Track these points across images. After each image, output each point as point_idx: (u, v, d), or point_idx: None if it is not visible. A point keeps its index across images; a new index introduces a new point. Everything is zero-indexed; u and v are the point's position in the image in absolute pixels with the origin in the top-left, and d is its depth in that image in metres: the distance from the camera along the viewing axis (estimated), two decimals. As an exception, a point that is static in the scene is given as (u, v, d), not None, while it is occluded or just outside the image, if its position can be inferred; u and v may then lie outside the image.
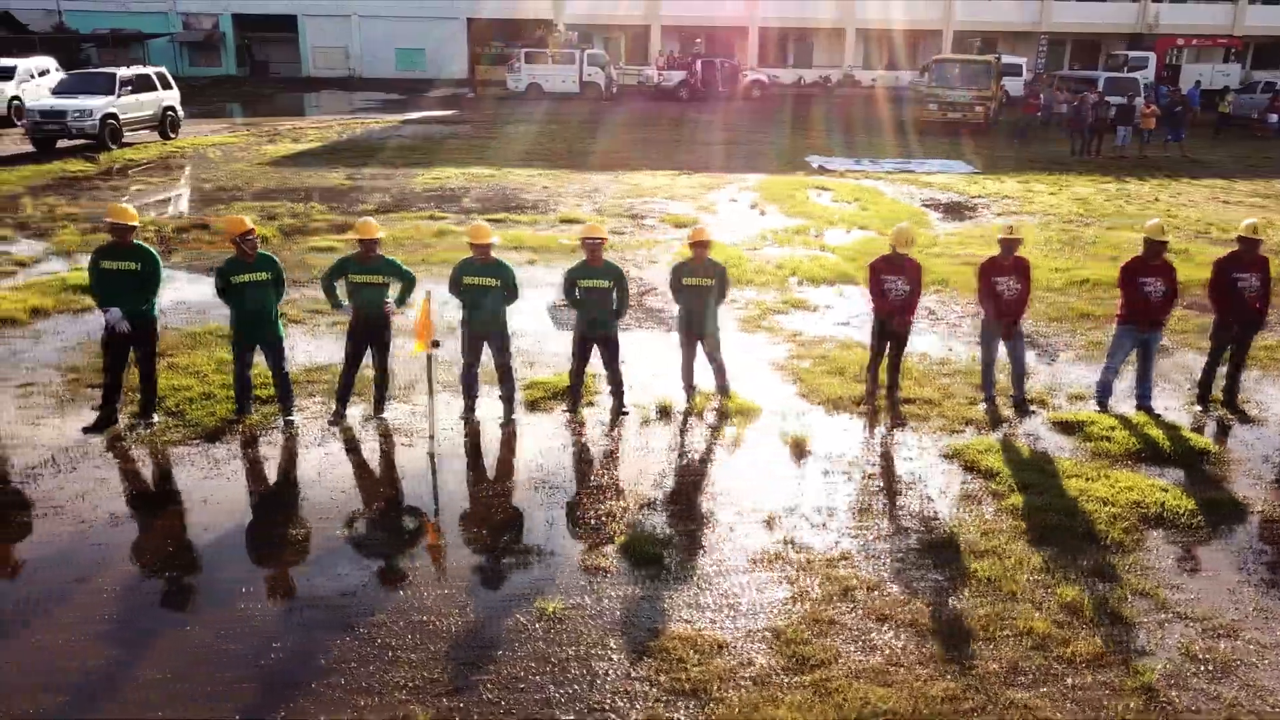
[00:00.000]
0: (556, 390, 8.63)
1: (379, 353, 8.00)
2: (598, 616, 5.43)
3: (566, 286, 8.20)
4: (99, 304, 7.57)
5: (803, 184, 20.45)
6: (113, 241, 7.65)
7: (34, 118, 22.55)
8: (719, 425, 8.05)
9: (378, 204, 17.51)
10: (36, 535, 6.23)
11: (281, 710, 4.65)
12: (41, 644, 5.11)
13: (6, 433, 7.68)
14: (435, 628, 5.31)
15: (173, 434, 7.71)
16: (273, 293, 7.77)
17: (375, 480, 7.11)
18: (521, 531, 6.39)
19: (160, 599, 5.57)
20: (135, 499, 6.77)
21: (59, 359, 9.40)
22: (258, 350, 7.89)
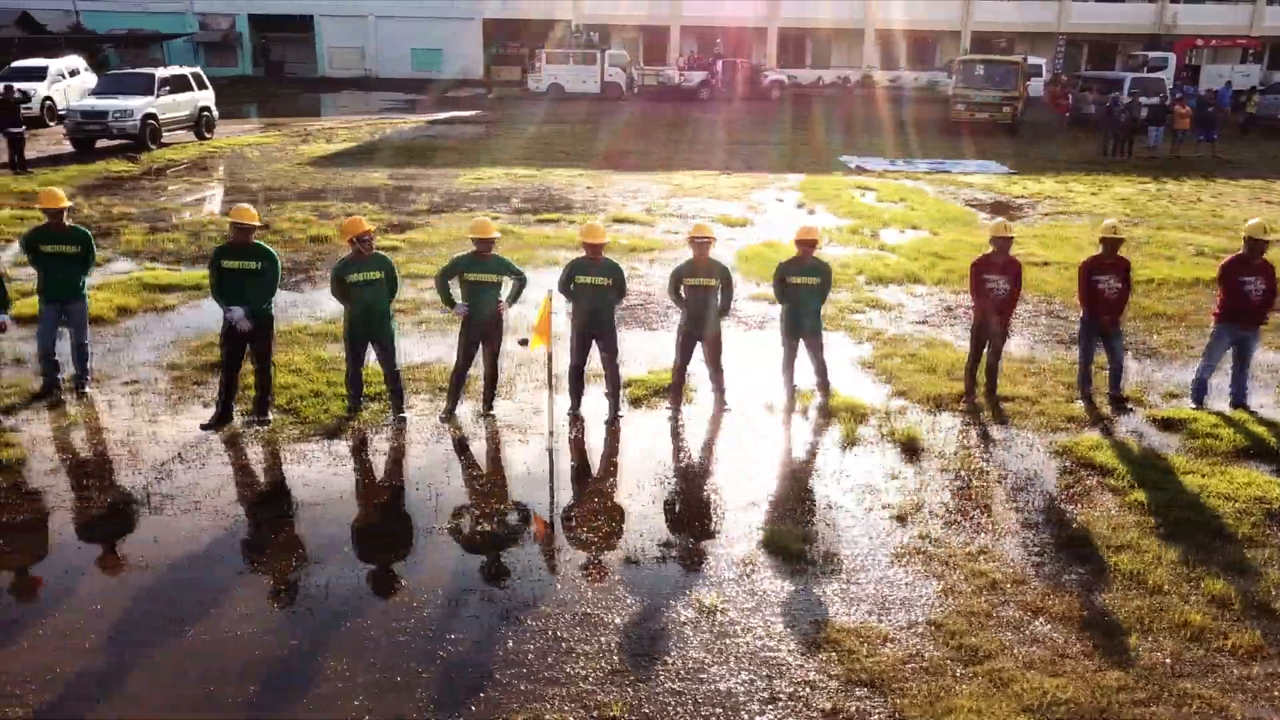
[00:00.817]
0: (657, 388, 8.73)
1: (490, 351, 8.10)
2: (756, 610, 5.52)
3: (672, 285, 8.29)
4: (221, 303, 7.65)
5: (844, 184, 20.55)
6: (233, 241, 7.75)
7: (75, 118, 22.64)
8: (826, 423, 8.13)
9: (428, 204, 17.61)
10: (183, 530, 6.31)
11: (473, 702, 4.73)
12: (225, 637, 5.20)
13: (128, 430, 7.77)
14: (601, 620, 5.40)
15: (290, 431, 7.80)
16: (386, 291, 7.87)
17: (502, 476, 7.20)
18: (657, 526, 6.48)
19: (324, 591, 5.66)
20: (270, 494, 6.86)
21: (156, 357, 9.49)
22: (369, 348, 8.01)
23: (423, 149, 25.28)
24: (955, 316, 11.34)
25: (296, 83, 47.45)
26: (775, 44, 45.85)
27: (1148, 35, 45.11)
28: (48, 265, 8.21)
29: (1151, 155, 25.77)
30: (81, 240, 8.35)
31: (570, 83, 41.04)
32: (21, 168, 19.66)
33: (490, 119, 33.37)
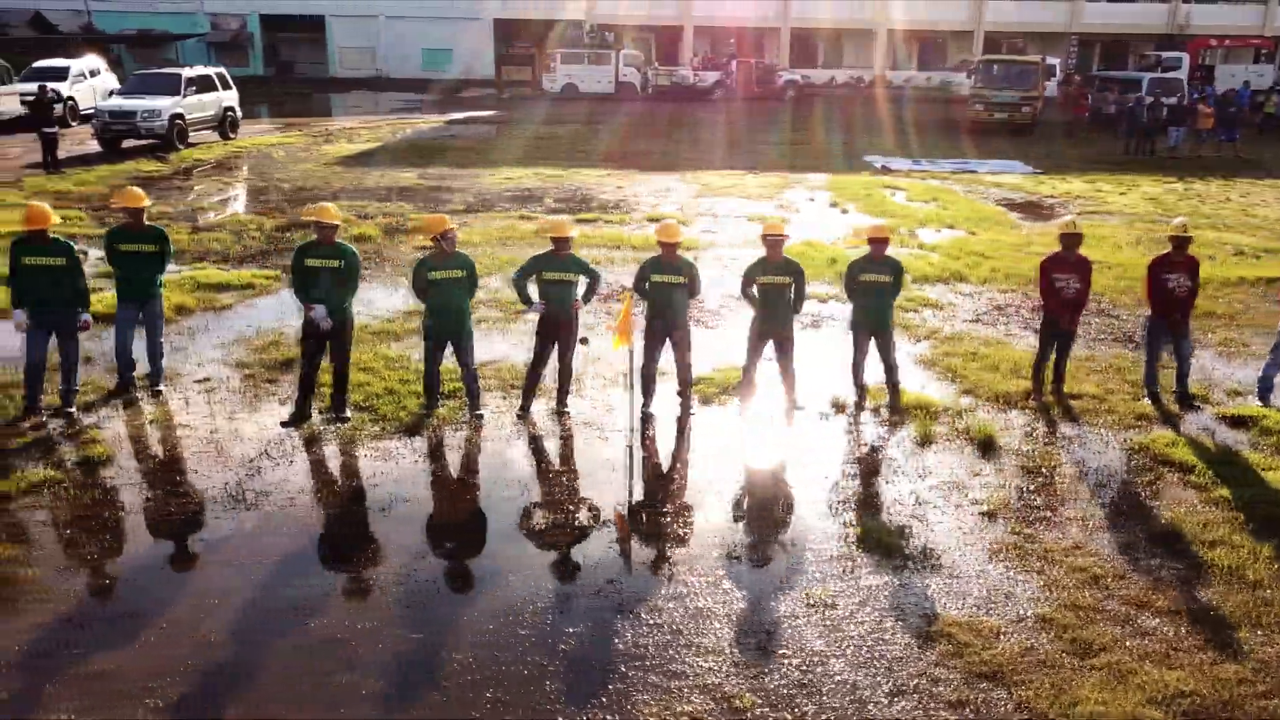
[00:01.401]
0: (725, 386, 8.79)
1: (564, 349, 8.16)
2: (864, 604, 5.58)
3: (745, 283, 8.35)
4: (303, 300, 7.71)
5: (873, 183, 20.61)
6: (315, 240, 7.81)
7: (103, 118, 22.68)
8: (899, 420, 8.20)
9: (463, 204, 17.66)
10: (285, 526, 6.37)
11: (604, 694, 4.79)
12: (347, 631, 5.26)
13: (210, 427, 7.83)
14: (715, 613, 5.46)
15: (370, 429, 7.86)
16: (467, 289, 7.93)
17: (587, 473, 7.26)
18: (750, 523, 6.54)
19: (433, 586, 5.72)
20: (362, 491, 6.91)
21: (223, 356, 9.54)
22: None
23: (446, 149, 25.33)
24: (1006, 315, 11.39)
25: (307, 83, 47.52)
26: (787, 44, 45.87)
27: (1159, 35, 45.18)
28: (126, 264, 8.27)
29: (1172, 155, 25.84)
30: (159, 239, 8.42)
31: (584, 83, 41.09)
32: (54, 167, 19.71)
33: (507, 119, 33.42)
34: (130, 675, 4.85)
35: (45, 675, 4.84)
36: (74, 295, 7.87)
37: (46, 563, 5.86)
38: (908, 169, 23.13)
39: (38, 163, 20.68)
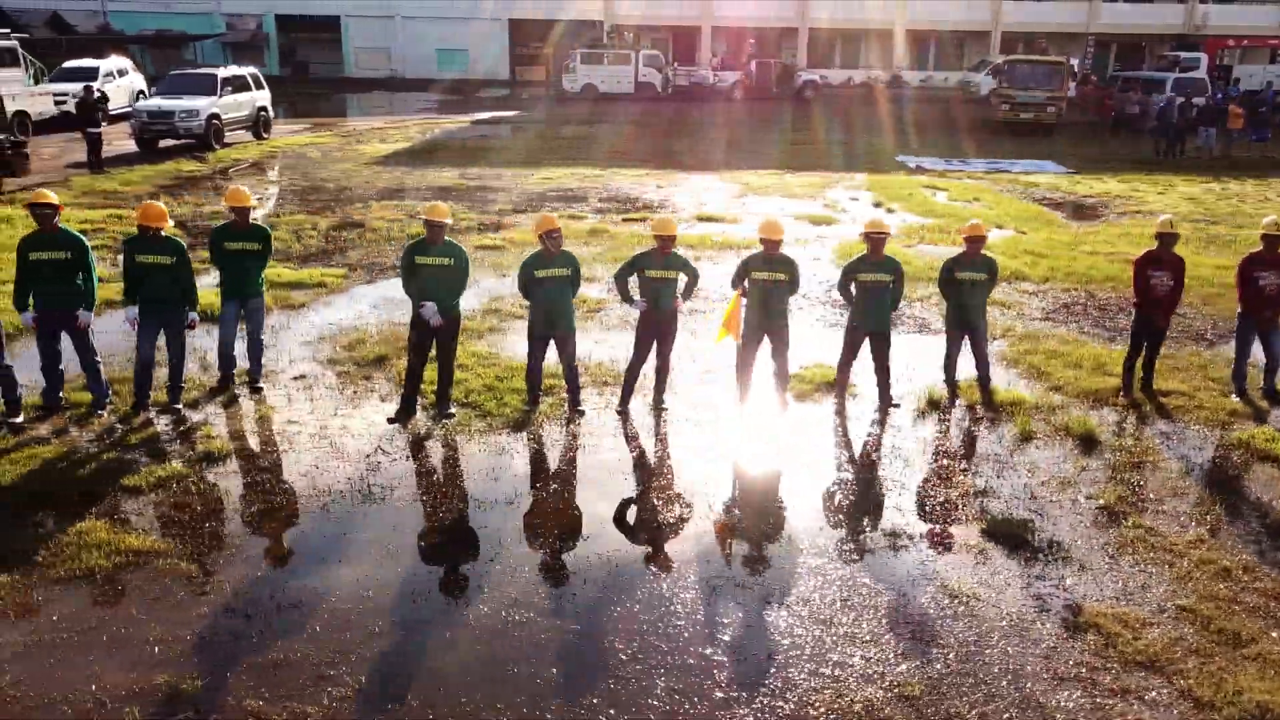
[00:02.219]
0: (816, 383, 8.89)
1: (664, 346, 8.25)
2: (1004, 594, 5.68)
3: (844, 281, 8.45)
4: (414, 298, 7.80)
5: (913, 183, 20.71)
6: (425, 238, 7.91)
7: (141, 118, 22.79)
8: (996, 416, 8.29)
9: (510, 204, 17.76)
10: (416, 520, 6.47)
11: (771, 681, 4.89)
12: (505, 621, 5.36)
13: (319, 423, 7.93)
14: (862, 604, 5.56)
15: (476, 424, 7.96)
16: (571, 288, 8.03)
17: (699, 467, 7.35)
18: (875, 516, 6.64)
19: (580, 577, 5.82)
20: (486, 484, 7.00)
21: (311, 353, 9.65)
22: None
23: (479, 149, 25.44)
24: (1074, 314, 11.50)
25: (323, 83, 47.60)
26: (805, 44, 45.97)
27: (1175, 35, 45.27)
28: (231, 262, 8.36)
29: (1198, 154, 25.93)
30: (263, 238, 8.52)
31: (604, 83, 41.16)
32: (98, 167, 19.81)
33: (532, 119, 33.53)
34: (307, 664, 4.95)
35: (226, 664, 4.94)
36: (183, 293, 7.97)
37: (195, 556, 5.95)
38: (942, 169, 23.23)
39: (79, 162, 20.80)
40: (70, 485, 6.74)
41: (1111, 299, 12.07)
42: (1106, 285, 12.64)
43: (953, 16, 45.60)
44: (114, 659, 4.98)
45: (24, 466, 6.97)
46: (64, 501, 6.51)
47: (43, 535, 6.11)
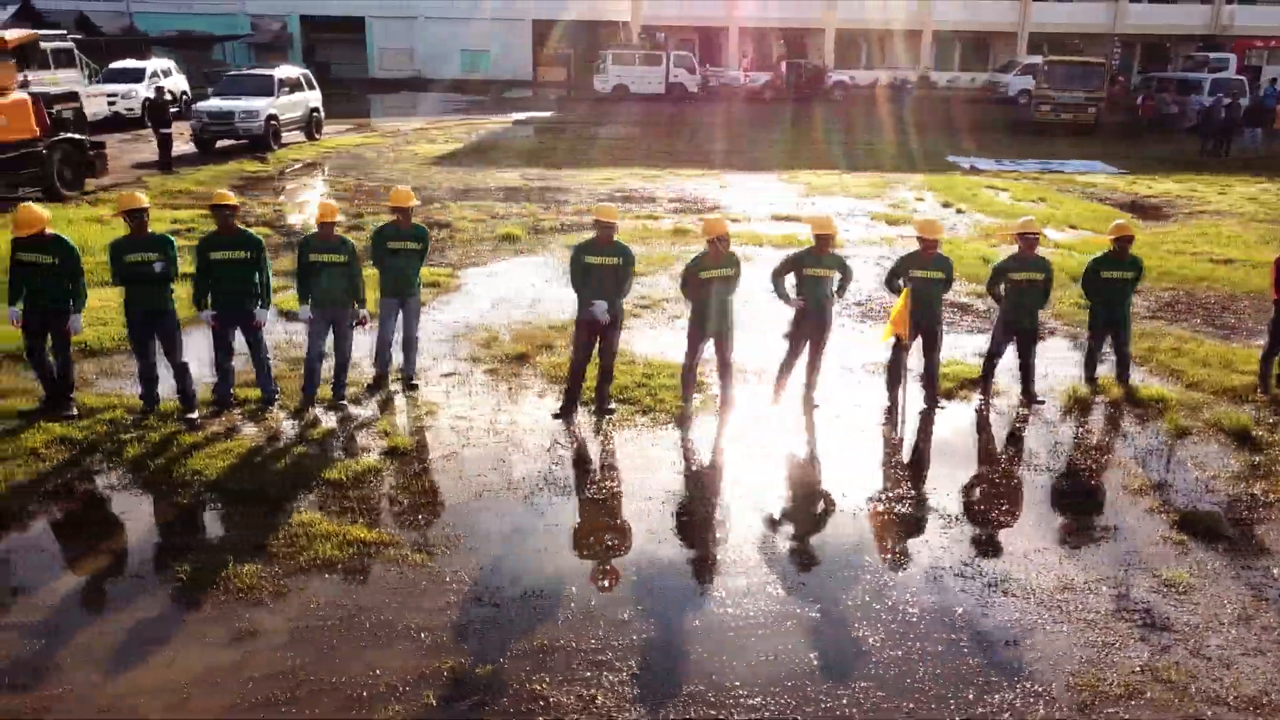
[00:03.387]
0: (960, 379, 9.06)
1: (818, 342, 8.42)
2: (1218, 584, 5.86)
3: (996, 280, 8.64)
4: (584, 296, 7.96)
5: (974, 183, 20.89)
6: (594, 238, 8.08)
7: (201, 119, 22.93)
8: (1143, 413, 8.46)
9: (581, 205, 17.87)
10: (619, 512, 6.65)
11: (1030, 668, 5.06)
12: (746, 611, 5.53)
13: (488, 419, 8.10)
14: (1084, 588, 5.74)
15: (639, 419, 8.14)
16: (734, 288, 8.19)
17: (866, 460, 7.53)
18: (1057, 506, 6.84)
19: (795, 566, 5.99)
20: (672, 477, 7.17)
21: (450, 350, 9.81)
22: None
23: (530, 150, 25.60)
24: (1179, 311, 11.67)
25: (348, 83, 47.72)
26: (832, 45, 46.14)
27: (1202, 36, 45.45)
28: (391, 261, 8.52)
29: (1243, 154, 26.11)
30: (422, 237, 8.68)
31: (635, 83, 41.31)
32: (168, 167, 19.97)
33: (568, 120, 33.67)
34: (575, 650, 5.12)
35: (496, 650, 5.10)
36: (353, 292, 8.14)
37: (421, 547, 6.12)
38: (996, 169, 23.40)
39: (141, 162, 20.98)
40: (273, 479, 6.91)
41: (1212, 297, 12.24)
42: (1201, 285, 12.81)
43: (980, 17, 45.79)
44: (385, 645, 5.15)
45: (222, 461, 7.14)
46: (274, 495, 6.68)
47: (268, 527, 6.27)
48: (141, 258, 7.59)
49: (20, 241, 7.65)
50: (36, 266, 7.62)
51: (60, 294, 7.70)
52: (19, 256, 7.66)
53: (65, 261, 7.69)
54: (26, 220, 7.59)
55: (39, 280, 7.64)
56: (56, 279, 7.66)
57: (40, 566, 5.90)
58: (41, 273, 7.63)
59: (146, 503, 6.62)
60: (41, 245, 7.63)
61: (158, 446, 7.38)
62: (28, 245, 7.62)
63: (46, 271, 7.63)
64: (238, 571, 5.73)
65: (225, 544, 6.09)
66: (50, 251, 7.65)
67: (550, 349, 9.82)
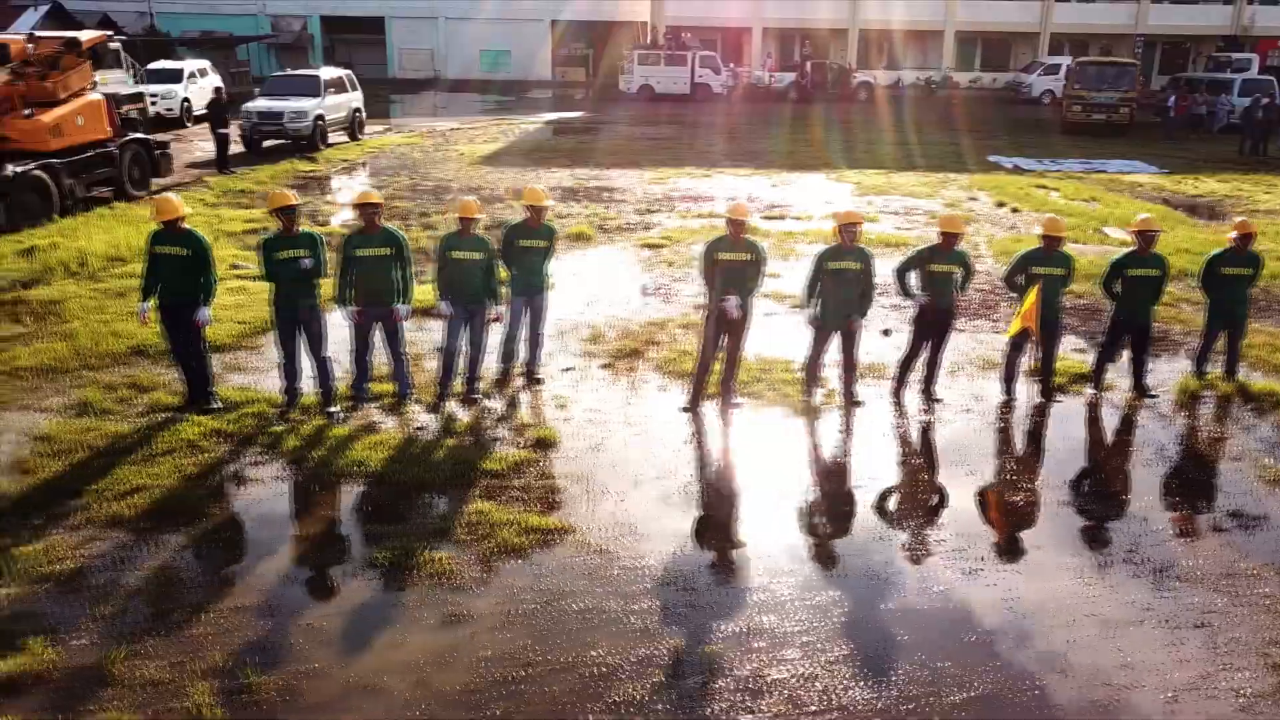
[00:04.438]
0: (1070, 374, 9.24)
1: (940, 339, 8.61)
2: (1380, 569, 6.05)
3: (1111, 276, 8.80)
4: (716, 292, 8.14)
5: (1021, 182, 21.03)
6: (728, 235, 8.26)
7: (251, 119, 23.09)
8: (1259, 407, 8.65)
9: (641, 204, 18.05)
10: (765, 502, 6.84)
11: (1206, 655, 5.25)
12: (943, 599, 5.72)
13: (622, 412, 8.29)
14: (1255, 576, 5.91)
15: (769, 411, 8.32)
16: (863, 282, 8.38)
17: (1008, 452, 7.72)
18: (1210, 496, 7.04)
19: (983, 554, 6.18)
20: (832, 466, 7.37)
21: (560, 347, 9.96)
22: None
23: (572, 150, 25.74)
24: (1263, 310, 11.82)
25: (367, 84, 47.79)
26: (856, 45, 46.33)
27: (1223, 36, 45.65)
28: (520, 259, 8.70)
29: (1280, 155, 26.35)
30: (550, 235, 8.86)
31: (660, 84, 41.46)
32: (225, 166, 20.16)
33: (600, 120, 33.83)
34: (779, 631, 5.31)
35: (704, 631, 5.29)
36: (489, 288, 8.32)
37: (598, 534, 6.30)
38: (1040, 169, 23.56)
39: (197, 162, 21.15)
40: (434, 470, 7.09)
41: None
42: (1276, 283, 12.98)
43: (1002, 18, 45.98)
44: (596, 628, 5.34)
45: (379, 453, 7.32)
46: (439, 485, 6.87)
47: (445, 515, 6.46)
48: (291, 254, 7.76)
49: (158, 235, 7.83)
50: (171, 259, 7.79)
51: (191, 286, 7.87)
52: (156, 250, 7.83)
53: (198, 253, 7.86)
54: (169, 208, 7.78)
55: (172, 272, 7.81)
56: (189, 271, 7.84)
57: (241, 553, 6.10)
58: (175, 265, 7.81)
59: (321, 492, 6.81)
60: (177, 238, 7.80)
61: (311, 439, 7.57)
62: (164, 238, 7.80)
63: (180, 264, 7.81)
64: (432, 558, 5.91)
65: (411, 531, 6.26)
66: (184, 244, 7.83)
67: (656, 345, 10.01)
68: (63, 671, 4.86)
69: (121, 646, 5.03)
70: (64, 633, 5.16)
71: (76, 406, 8.12)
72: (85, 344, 9.49)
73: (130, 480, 6.78)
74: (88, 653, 5.01)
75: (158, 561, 5.89)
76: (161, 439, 7.42)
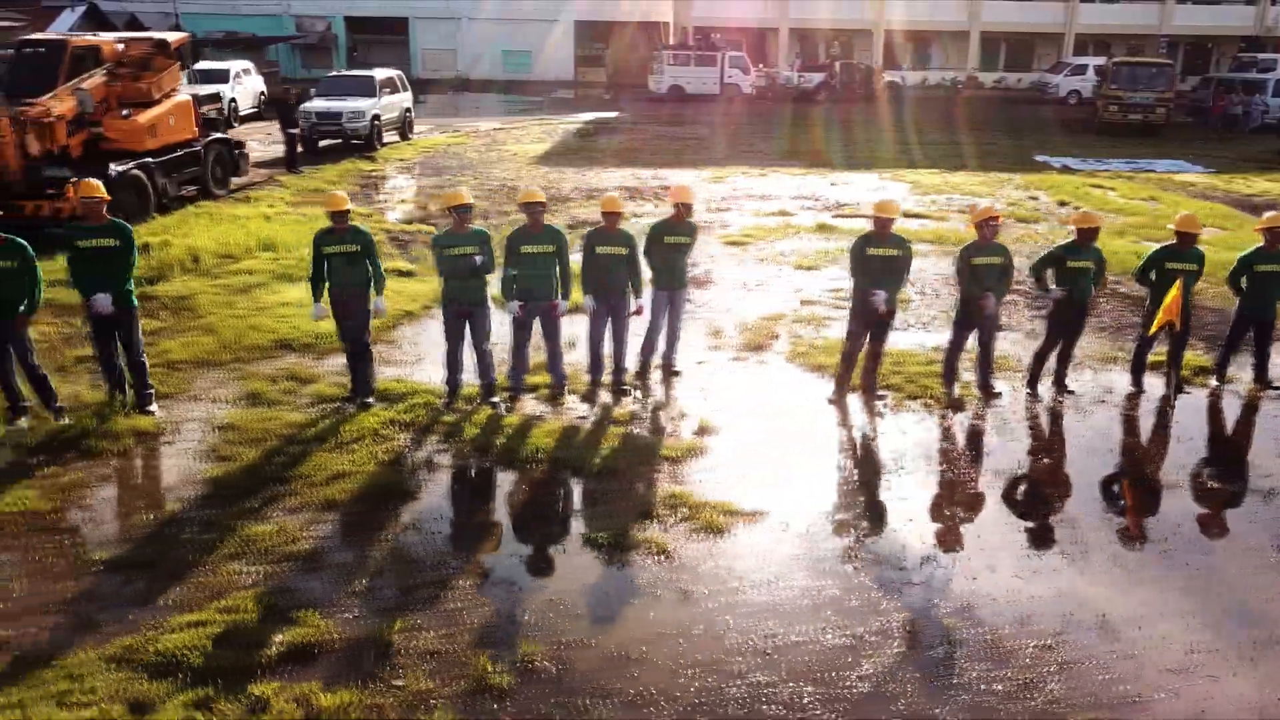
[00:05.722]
0: (1193, 368, 9.53)
1: (1074, 333, 8.89)
2: None
3: (1237, 272, 9.08)
4: (865, 286, 8.41)
5: (1079, 182, 21.31)
6: (873, 231, 8.54)
7: (310, 119, 23.34)
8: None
9: (709, 204, 18.32)
10: (951, 490, 7.13)
11: None
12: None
13: (763, 401, 8.57)
14: None
15: (911, 404, 8.61)
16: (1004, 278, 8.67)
17: (1157, 442, 8.01)
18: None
19: (1166, 542, 6.47)
20: (985, 453, 7.66)
21: (684, 339, 10.22)
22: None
23: (619, 149, 25.98)
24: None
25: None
26: (881, 46, 46.64)
27: (1246, 37, 45.98)
28: (664, 255, 8.97)
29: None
30: (694, 232, 9.14)
31: (690, 84, 41.76)
32: (292, 165, 20.44)
33: (636, 120, 34.09)
34: (1019, 605, 5.59)
35: (939, 612, 5.57)
36: (634, 282, 8.60)
37: (795, 518, 6.58)
38: (1089, 168, 23.85)
39: (261, 161, 21.41)
40: (616, 456, 7.38)
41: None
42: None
43: (1027, 18, 46.30)
44: (826, 605, 5.61)
45: (554, 440, 7.61)
46: (622, 469, 7.16)
47: (644, 498, 6.75)
48: (462, 251, 8.04)
49: (324, 235, 8.09)
50: (340, 256, 8.05)
51: (362, 279, 8.15)
52: (324, 250, 8.06)
53: (366, 246, 8.14)
54: (338, 201, 8.05)
55: (342, 267, 8.07)
56: (358, 264, 8.11)
57: (461, 533, 6.37)
58: (345, 261, 8.07)
59: (516, 476, 7.08)
60: (343, 235, 8.06)
61: (487, 428, 7.85)
62: (331, 237, 8.07)
63: (350, 259, 8.07)
64: (647, 538, 6.20)
65: (616, 513, 6.54)
66: (351, 240, 8.10)
67: (775, 339, 10.29)
68: (343, 642, 5.13)
69: (387, 619, 5.31)
70: (327, 607, 5.43)
71: (246, 398, 8.40)
72: (229, 338, 9.77)
73: (330, 466, 7.06)
74: (357, 625, 5.28)
75: (385, 541, 6.17)
76: (346, 429, 7.69)
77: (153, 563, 5.87)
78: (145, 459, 7.29)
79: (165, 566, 5.82)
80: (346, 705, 4.60)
